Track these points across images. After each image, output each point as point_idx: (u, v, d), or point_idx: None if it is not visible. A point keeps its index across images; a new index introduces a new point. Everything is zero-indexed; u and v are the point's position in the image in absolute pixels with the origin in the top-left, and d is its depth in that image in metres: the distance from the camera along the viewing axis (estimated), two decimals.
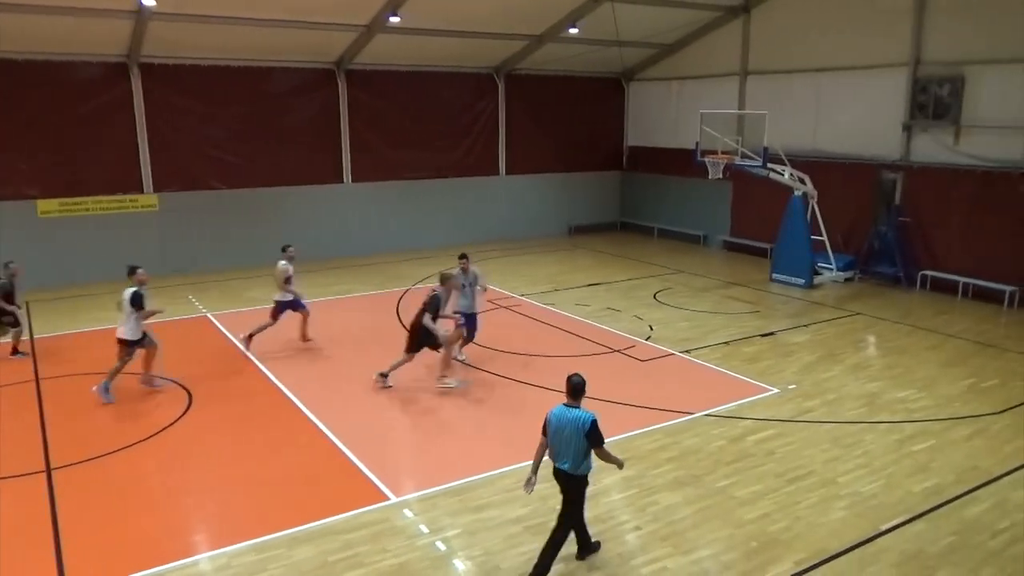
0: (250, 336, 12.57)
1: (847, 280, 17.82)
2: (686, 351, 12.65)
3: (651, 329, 13.95)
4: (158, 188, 18.51)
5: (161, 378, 11.06)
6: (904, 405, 10.45)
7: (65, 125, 17.27)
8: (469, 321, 11.84)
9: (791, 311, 15.39)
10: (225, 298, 16.33)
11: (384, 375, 11.01)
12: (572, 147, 24.61)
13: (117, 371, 10.55)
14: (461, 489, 8.05)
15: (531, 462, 6.65)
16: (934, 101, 16.66)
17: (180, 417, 10.00)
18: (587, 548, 6.93)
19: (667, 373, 11.76)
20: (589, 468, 6.53)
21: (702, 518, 7.52)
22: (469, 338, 12.07)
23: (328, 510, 7.60)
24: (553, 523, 6.75)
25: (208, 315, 14.94)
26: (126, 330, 10.48)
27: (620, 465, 6.78)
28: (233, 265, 19.42)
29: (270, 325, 12.57)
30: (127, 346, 10.51)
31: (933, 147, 16.94)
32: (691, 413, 10.04)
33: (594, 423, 6.34)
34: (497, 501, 7.81)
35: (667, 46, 22.73)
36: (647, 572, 6.65)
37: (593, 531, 7.23)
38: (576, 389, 6.45)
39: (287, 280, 12.54)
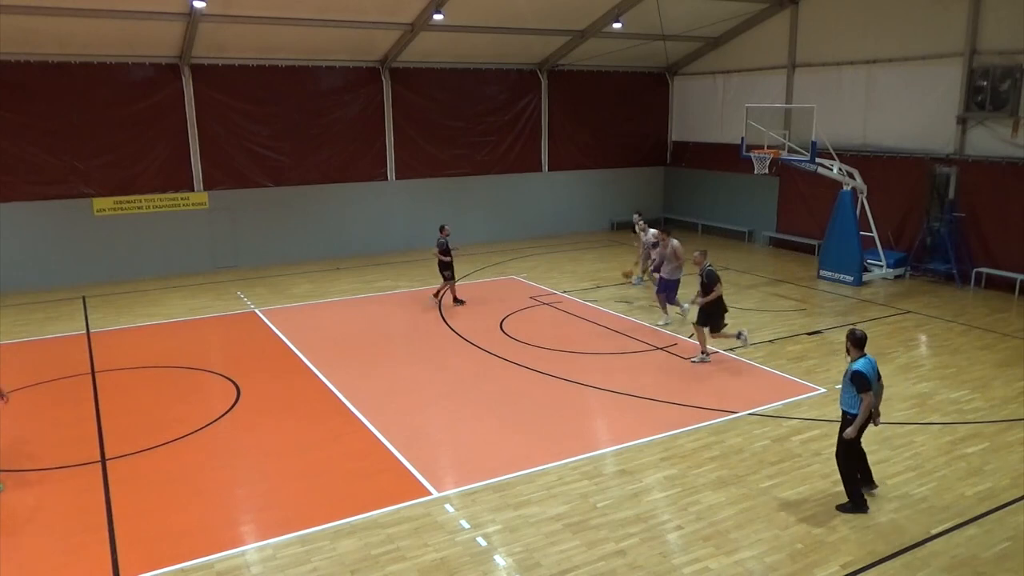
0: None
1: (897, 277, 17.40)
2: (730, 349, 12.49)
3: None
4: (208, 186, 18.93)
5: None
6: (957, 406, 10.16)
7: (119, 125, 17.77)
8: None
9: (839, 309, 15.08)
10: (272, 294, 16.63)
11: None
12: (615, 143, 24.47)
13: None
14: (502, 485, 8.08)
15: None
16: (991, 92, 16.12)
17: (228, 411, 10.23)
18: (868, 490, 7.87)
19: (710, 371, 11.62)
20: None
21: (745, 519, 7.43)
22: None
23: (371, 504, 7.71)
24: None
25: (256, 311, 15.24)
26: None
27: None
28: (280, 261, 19.79)
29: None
30: None
31: (989, 140, 16.41)
32: (735, 412, 9.92)
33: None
34: (538, 498, 7.82)
35: (713, 39, 22.44)
36: (689, 572, 6.59)
37: (634, 530, 7.23)
38: (863, 341, 7.40)
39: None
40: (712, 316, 11.78)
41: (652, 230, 15.87)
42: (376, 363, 12.15)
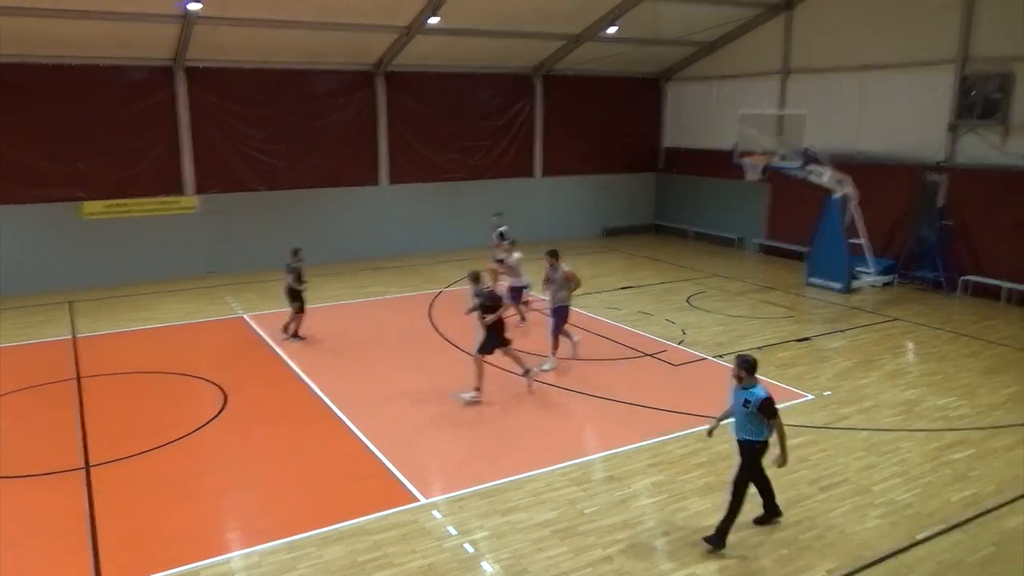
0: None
1: (886, 285, 17.46)
2: (719, 356, 12.52)
3: (684, 333, 13.83)
4: (200, 190, 18.85)
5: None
6: (943, 413, 10.21)
7: (111, 128, 17.67)
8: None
9: (827, 316, 15.13)
10: (261, 299, 16.56)
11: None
12: (607, 148, 24.50)
13: None
14: (489, 492, 8.08)
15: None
16: (982, 100, 16.22)
17: (215, 417, 10.19)
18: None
19: (699, 378, 11.65)
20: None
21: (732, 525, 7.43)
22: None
23: (358, 510, 7.69)
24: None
25: (244, 316, 15.19)
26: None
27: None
28: (271, 266, 19.63)
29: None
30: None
31: (980, 148, 16.50)
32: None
33: None
34: (525, 504, 7.82)
35: (707, 45, 22.51)
36: None
37: (622, 536, 7.25)
38: (756, 367, 7.21)
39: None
40: (493, 340, 10.82)
41: (517, 253, 13.83)
42: (365, 369, 12.13)
